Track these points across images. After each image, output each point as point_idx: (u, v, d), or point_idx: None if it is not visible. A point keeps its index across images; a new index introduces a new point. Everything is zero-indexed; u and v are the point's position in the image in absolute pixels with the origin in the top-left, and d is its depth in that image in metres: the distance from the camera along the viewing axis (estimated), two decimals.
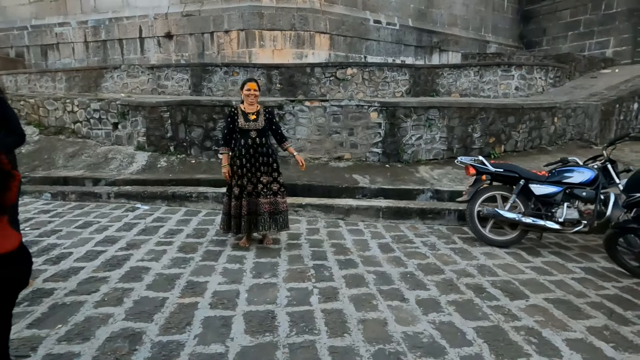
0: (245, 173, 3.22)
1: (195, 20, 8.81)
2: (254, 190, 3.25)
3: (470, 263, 3.11)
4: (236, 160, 3.24)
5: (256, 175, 3.24)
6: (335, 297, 2.49)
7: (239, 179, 3.23)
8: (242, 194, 3.24)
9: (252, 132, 3.22)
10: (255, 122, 3.24)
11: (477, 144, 5.95)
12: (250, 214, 3.24)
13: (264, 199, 3.25)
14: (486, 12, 11.82)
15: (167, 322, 2.14)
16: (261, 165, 3.25)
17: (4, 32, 10.80)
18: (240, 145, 3.23)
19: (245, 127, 3.21)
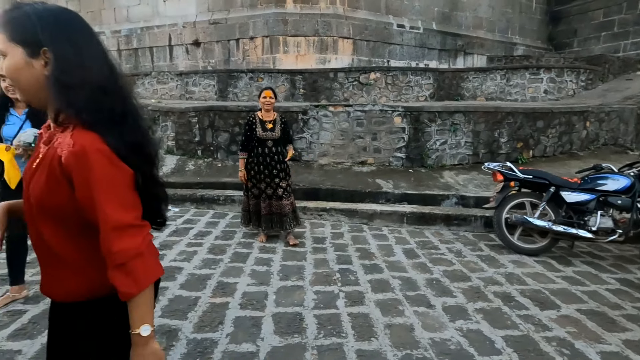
0: (263, 178, 3.48)
1: (222, 28, 9.07)
2: (273, 193, 3.50)
3: (497, 271, 3.07)
4: (254, 167, 3.49)
5: (274, 180, 3.49)
6: (362, 301, 2.52)
7: (258, 183, 3.49)
8: (261, 196, 3.50)
9: (269, 141, 3.46)
10: (272, 131, 3.44)
11: (504, 149, 5.83)
12: (269, 214, 3.51)
13: (277, 201, 3.50)
14: (513, 13, 11.55)
15: (200, 321, 2.24)
16: (278, 171, 3.49)
17: None
18: (257, 154, 3.46)
19: (262, 137, 3.42)
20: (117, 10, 10.36)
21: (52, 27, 0.80)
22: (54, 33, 0.80)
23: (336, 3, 8.70)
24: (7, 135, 2.32)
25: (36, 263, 3.00)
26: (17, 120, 2.35)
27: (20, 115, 2.36)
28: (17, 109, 2.36)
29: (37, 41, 0.79)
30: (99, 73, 0.84)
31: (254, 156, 3.48)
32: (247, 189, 3.57)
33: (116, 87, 0.88)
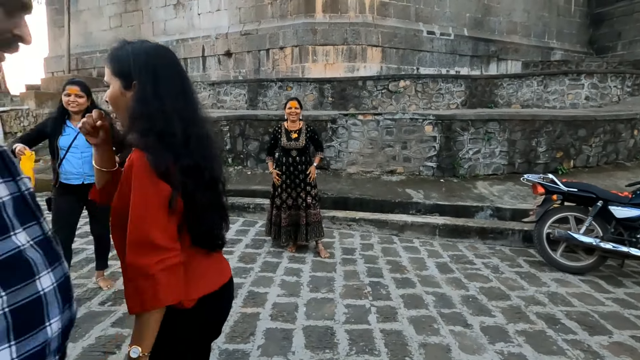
0: (285, 189, 3.48)
1: (253, 39, 9.30)
2: (293, 204, 3.48)
3: (539, 290, 2.89)
4: (282, 176, 3.47)
5: (296, 190, 3.47)
6: (394, 317, 2.44)
7: (281, 193, 3.49)
8: (282, 207, 3.48)
9: (293, 151, 3.45)
10: (296, 141, 3.44)
11: (542, 159, 5.56)
12: (290, 225, 3.49)
13: (303, 211, 3.46)
14: (550, 17, 11.09)
15: (232, 331, 2.24)
16: (301, 182, 3.47)
17: (89, 55, 12.22)
18: (281, 163, 3.47)
19: (287, 146, 3.43)
20: (155, 24, 10.89)
21: (141, 64, 0.93)
22: (142, 69, 0.93)
23: (365, 12, 8.71)
24: (63, 145, 2.44)
25: (79, 266, 3.14)
26: (73, 132, 2.45)
27: (76, 127, 2.47)
28: (73, 122, 2.47)
29: (130, 75, 0.93)
30: (172, 104, 0.92)
31: (278, 166, 3.50)
32: (272, 197, 3.58)
33: (188, 115, 0.96)
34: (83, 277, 2.94)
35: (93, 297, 2.63)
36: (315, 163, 3.54)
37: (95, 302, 2.56)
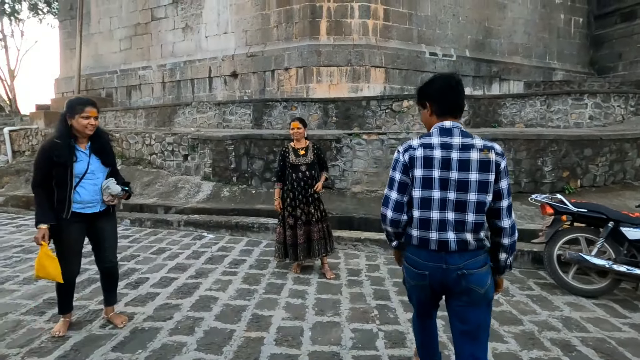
0: (298, 204, 3.46)
1: (258, 60, 9.50)
2: (307, 219, 3.46)
3: (552, 314, 2.80)
4: (289, 193, 3.48)
5: (307, 205, 3.46)
6: (403, 343, 2.36)
7: (293, 210, 3.46)
8: (297, 224, 3.44)
9: (302, 166, 3.47)
10: (304, 157, 3.48)
11: (548, 178, 5.51)
12: (306, 242, 3.46)
13: (314, 226, 3.46)
14: (550, 38, 11.28)
15: (235, 356, 2.18)
16: (310, 196, 3.48)
17: (98, 76, 12.53)
18: (292, 179, 3.47)
19: (296, 163, 3.45)
20: (163, 46, 11.18)
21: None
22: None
23: (368, 34, 8.91)
24: (79, 172, 2.26)
25: (81, 287, 3.10)
26: (84, 156, 2.30)
27: (85, 150, 2.32)
28: (80, 144, 2.31)
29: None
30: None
31: (288, 183, 3.49)
32: (283, 218, 3.53)
33: None
34: (85, 299, 2.89)
35: (94, 319, 2.58)
36: (321, 181, 3.55)
37: (96, 325, 2.51)
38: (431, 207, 1.52)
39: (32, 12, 21.63)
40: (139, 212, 5.64)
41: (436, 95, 1.59)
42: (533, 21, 10.93)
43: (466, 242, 1.49)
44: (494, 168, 1.48)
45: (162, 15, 11.10)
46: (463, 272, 1.49)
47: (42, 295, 2.88)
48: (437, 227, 1.51)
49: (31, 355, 2.15)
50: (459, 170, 1.49)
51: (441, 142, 1.52)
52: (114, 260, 2.53)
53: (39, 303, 2.81)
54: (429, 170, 1.51)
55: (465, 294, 1.52)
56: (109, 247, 2.49)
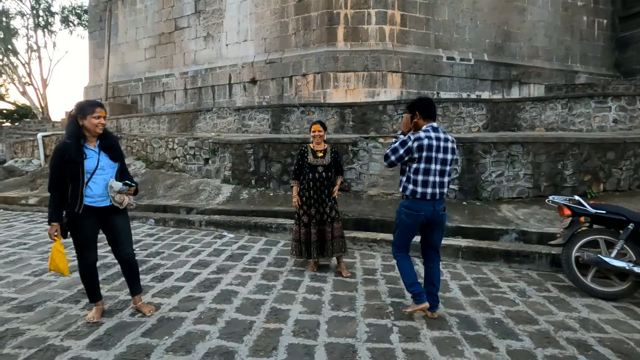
0: (313, 203, 3.56)
1: (277, 67, 9.75)
2: (321, 219, 3.56)
3: (569, 315, 2.79)
4: (305, 192, 3.59)
5: (322, 205, 3.56)
6: (417, 337, 2.42)
7: (308, 209, 3.57)
8: (311, 222, 3.55)
9: (320, 167, 3.58)
10: (322, 158, 3.59)
11: (569, 182, 5.43)
12: (319, 240, 3.55)
13: (328, 226, 3.56)
14: (572, 41, 11.07)
15: (255, 345, 2.29)
16: (326, 196, 3.58)
17: (124, 84, 13.10)
18: (309, 179, 3.57)
19: (313, 163, 3.57)
20: (186, 54, 11.62)
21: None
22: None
23: (385, 39, 9.01)
24: (89, 168, 2.40)
25: (111, 279, 3.30)
26: (93, 154, 2.44)
27: (94, 148, 2.46)
28: (89, 143, 2.45)
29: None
30: None
31: (305, 182, 3.60)
32: (298, 217, 3.64)
33: None
34: (115, 290, 3.08)
35: (124, 308, 2.75)
36: (337, 185, 3.66)
37: (126, 313, 2.67)
38: (429, 174, 2.55)
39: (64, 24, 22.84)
40: (162, 212, 5.88)
41: (423, 108, 2.62)
42: (554, 24, 10.76)
43: (443, 194, 2.63)
44: (455, 151, 2.64)
45: (185, 25, 11.55)
46: (441, 212, 2.63)
47: (76, 286, 3.09)
48: (432, 186, 2.56)
49: (69, 338, 2.33)
50: (443, 152, 2.56)
51: (435, 135, 2.54)
52: (130, 252, 2.66)
53: (73, 293, 3.02)
54: (430, 152, 2.52)
55: (440, 225, 2.69)
56: (124, 239, 2.62)
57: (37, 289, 3.09)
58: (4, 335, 2.36)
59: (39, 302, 2.84)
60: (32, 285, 3.18)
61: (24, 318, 2.59)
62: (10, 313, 2.67)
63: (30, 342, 2.28)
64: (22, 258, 3.92)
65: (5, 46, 20.53)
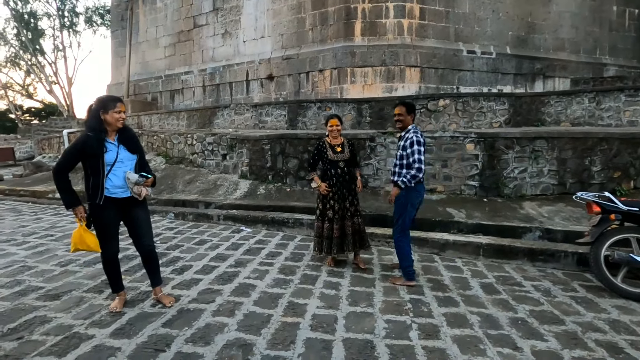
0: (337, 199, 3.51)
1: (294, 63, 9.74)
2: (343, 214, 3.53)
3: (598, 316, 2.67)
4: (329, 188, 3.51)
5: (344, 200, 3.53)
6: (437, 335, 2.37)
7: (333, 204, 3.52)
8: (334, 217, 3.51)
9: (341, 162, 3.54)
10: (342, 153, 3.55)
11: (597, 179, 5.21)
12: (340, 236, 3.52)
13: (349, 221, 3.53)
14: (601, 32, 10.59)
15: (273, 338, 2.29)
16: (349, 191, 3.55)
17: (145, 81, 13.38)
18: (331, 175, 3.53)
19: (334, 159, 3.52)
20: (204, 51, 11.76)
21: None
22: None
23: (404, 33, 8.85)
24: (109, 161, 2.46)
25: (133, 271, 3.37)
26: (113, 147, 2.50)
27: (113, 141, 2.52)
28: (109, 136, 2.51)
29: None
30: None
31: (327, 179, 3.55)
32: (321, 213, 3.59)
33: None
34: (137, 281, 3.15)
35: (145, 299, 2.81)
36: (359, 180, 3.65)
37: (147, 304, 2.73)
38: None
39: (88, 24, 23.53)
40: (182, 206, 5.98)
41: (414, 110, 3.38)
42: (581, 14, 10.32)
43: None
44: None
45: (203, 23, 11.69)
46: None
47: (100, 277, 3.17)
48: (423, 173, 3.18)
49: (93, 326, 2.40)
50: None
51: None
52: (151, 244, 2.71)
53: (97, 283, 3.10)
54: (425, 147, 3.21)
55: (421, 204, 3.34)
56: (145, 232, 2.67)
57: (63, 279, 3.20)
58: (33, 322, 2.45)
59: (64, 292, 2.93)
60: (58, 275, 3.29)
61: (50, 306, 2.68)
62: (38, 301, 2.76)
63: (57, 330, 2.35)
64: (49, 249, 4.06)
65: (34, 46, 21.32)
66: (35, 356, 2.08)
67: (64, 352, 2.12)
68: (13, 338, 2.25)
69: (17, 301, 2.76)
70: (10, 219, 5.56)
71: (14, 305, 2.70)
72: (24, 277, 3.24)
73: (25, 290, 2.97)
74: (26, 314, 2.55)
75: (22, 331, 2.33)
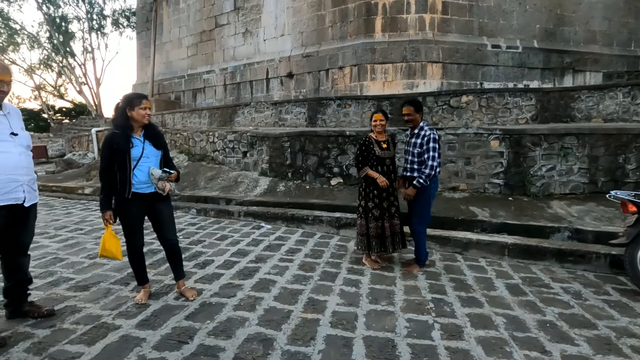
0: (386, 197, 3.45)
1: (313, 60, 9.73)
2: (394, 212, 3.50)
3: (634, 321, 2.53)
4: (377, 185, 3.42)
5: (390, 198, 3.48)
6: (460, 335, 2.31)
7: (381, 202, 3.44)
8: (384, 216, 3.44)
9: (387, 159, 3.47)
10: (388, 150, 3.48)
11: (631, 177, 4.94)
12: (392, 234, 3.49)
13: (396, 220, 3.51)
14: (637, 23, 10.03)
15: (293, 334, 2.29)
16: (394, 189, 3.51)
17: (169, 81, 13.72)
18: (379, 172, 3.42)
19: (381, 155, 3.44)
20: (225, 51, 11.93)
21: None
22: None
23: (425, 29, 8.68)
24: (135, 156, 2.54)
25: (157, 264, 3.46)
26: (139, 143, 2.58)
27: (140, 137, 2.60)
28: (135, 133, 2.59)
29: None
30: None
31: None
32: (366, 211, 3.48)
33: None
34: (161, 274, 3.24)
35: (169, 292, 2.87)
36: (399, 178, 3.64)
37: (171, 297, 2.79)
38: None
39: (115, 27, 24.32)
40: (203, 203, 6.10)
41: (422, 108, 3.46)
42: (615, 5, 9.82)
43: None
44: None
45: (225, 22, 11.85)
46: None
47: (126, 270, 3.27)
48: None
49: (120, 317, 2.48)
50: None
51: None
52: (174, 238, 2.78)
53: (124, 275, 3.20)
54: None
55: None
56: (168, 226, 2.74)
57: (91, 271, 3.32)
58: (64, 311, 2.55)
59: (93, 283, 3.04)
60: (87, 267, 3.42)
61: (80, 297, 2.79)
62: (69, 292, 2.88)
63: (86, 319, 2.44)
64: (79, 242, 4.23)
65: (65, 49, 22.23)
66: (66, 344, 2.16)
67: (93, 340, 2.19)
68: (46, 326, 2.36)
69: (50, 291, 2.89)
70: (43, 213, 5.83)
71: (46, 295, 2.82)
72: (56, 268, 3.39)
73: (57, 280, 3.10)
74: (58, 304, 2.66)
75: (54, 320, 2.43)
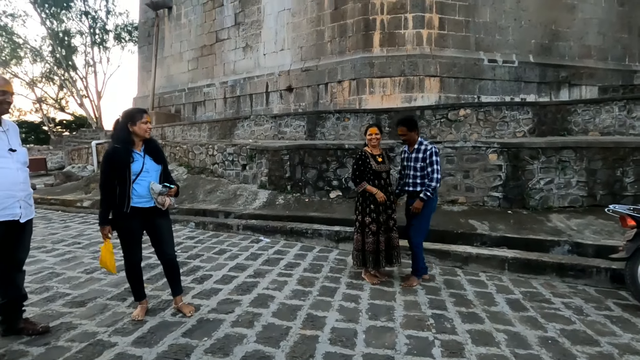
0: (383, 211, 3.44)
1: (312, 74, 9.85)
2: (386, 227, 3.47)
3: (636, 337, 2.50)
4: (374, 200, 3.41)
5: (387, 212, 3.46)
6: (461, 353, 2.28)
7: (378, 216, 3.42)
8: (380, 231, 3.42)
9: (384, 173, 3.47)
10: (384, 164, 3.48)
11: (630, 190, 4.96)
12: (389, 248, 3.49)
13: (394, 233, 3.51)
14: (630, 38, 10.22)
15: (292, 351, 2.26)
16: (391, 203, 3.51)
17: (169, 94, 13.85)
18: (376, 186, 3.42)
19: (378, 169, 3.43)
20: (225, 65, 12.09)
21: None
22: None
23: (423, 44, 8.83)
24: (135, 170, 2.53)
25: (155, 279, 3.43)
26: (139, 157, 2.58)
27: (140, 152, 2.60)
28: (136, 147, 2.59)
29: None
30: None
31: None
32: (362, 226, 3.47)
33: None
34: (158, 290, 3.20)
35: (166, 307, 2.84)
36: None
37: (168, 313, 2.76)
38: None
39: (117, 41, 24.68)
40: (202, 216, 6.08)
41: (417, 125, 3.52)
42: (609, 21, 10.02)
43: None
44: None
45: (225, 37, 12.03)
46: None
47: (123, 285, 3.24)
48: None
49: (116, 334, 2.44)
50: None
51: None
52: (172, 253, 2.76)
53: (121, 291, 3.17)
54: None
55: None
56: (166, 241, 2.72)
57: (88, 286, 3.28)
58: (59, 328, 2.52)
59: (90, 299, 3.01)
60: (84, 282, 3.38)
61: (76, 313, 2.75)
62: (65, 308, 2.84)
63: (82, 337, 2.41)
64: (76, 256, 4.20)
65: (67, 62, 22.50)
66: None
67: (88, 359, 2.16)
68: (41, 344, 2.32)
69: (45, 307, 2.85)
70: (41, 227, 5.80)
71: (42, 311, 2.79)
72: (52, 283, 3.35)
73: (53, 296, 3.07)
74: (53, 320, 2.62)
75: (49, 337, 2.40)
